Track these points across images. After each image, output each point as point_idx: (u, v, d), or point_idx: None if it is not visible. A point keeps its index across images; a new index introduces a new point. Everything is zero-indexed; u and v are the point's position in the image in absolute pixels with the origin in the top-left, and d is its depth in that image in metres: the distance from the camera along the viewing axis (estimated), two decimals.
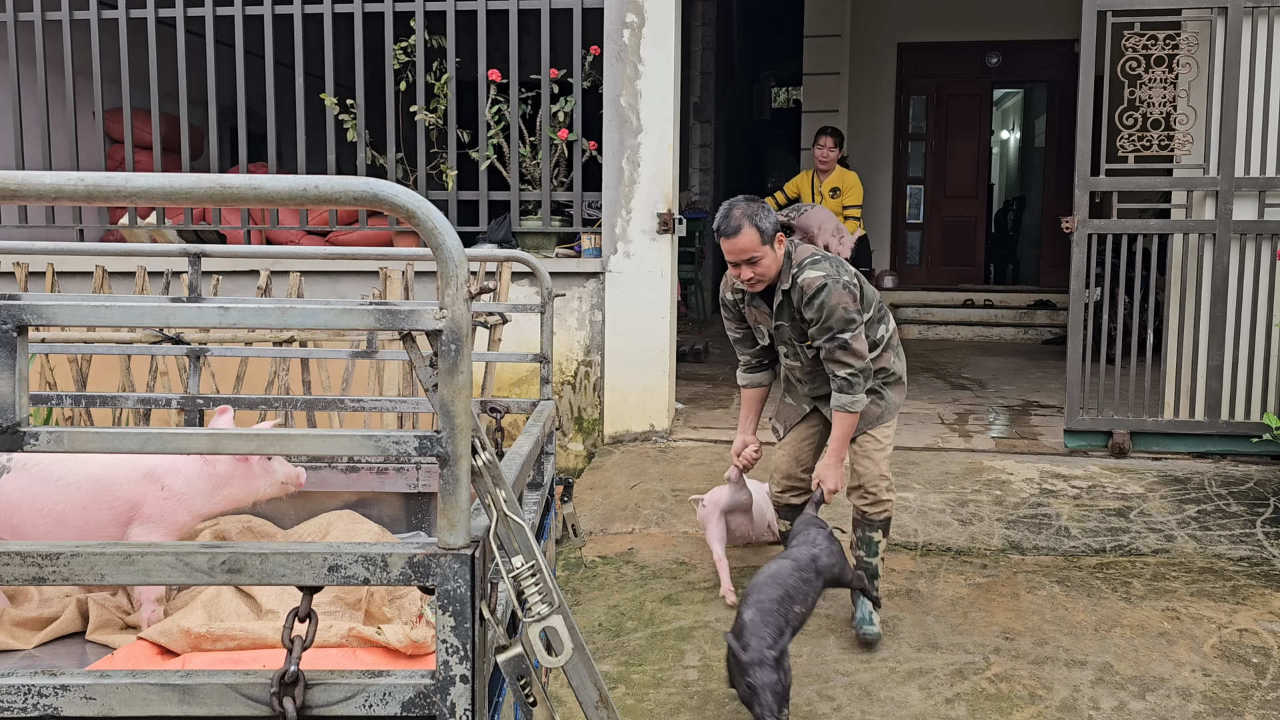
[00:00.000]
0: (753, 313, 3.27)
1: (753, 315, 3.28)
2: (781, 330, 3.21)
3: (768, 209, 3.03)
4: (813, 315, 3.05)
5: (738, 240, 2.99)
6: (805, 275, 3.05)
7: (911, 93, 10.41)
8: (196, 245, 2.70)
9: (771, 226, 3.01)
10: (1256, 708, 2.87)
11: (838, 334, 3.06)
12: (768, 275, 3.07)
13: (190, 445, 1.19)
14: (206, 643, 1.83)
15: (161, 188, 1.06)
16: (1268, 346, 5.03)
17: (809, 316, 3.06)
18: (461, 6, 5.55)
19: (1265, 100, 4.98)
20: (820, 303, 3.03)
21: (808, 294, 3.04)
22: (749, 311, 3.28)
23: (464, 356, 1.08)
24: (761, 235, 2.99)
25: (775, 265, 3.06)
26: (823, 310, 3.03)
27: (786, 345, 3.25)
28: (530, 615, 1.21)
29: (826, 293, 3.03)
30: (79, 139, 5.90)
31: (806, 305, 3.04)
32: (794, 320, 3.14)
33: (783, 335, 3.22)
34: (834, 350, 3.07)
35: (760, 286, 3.11)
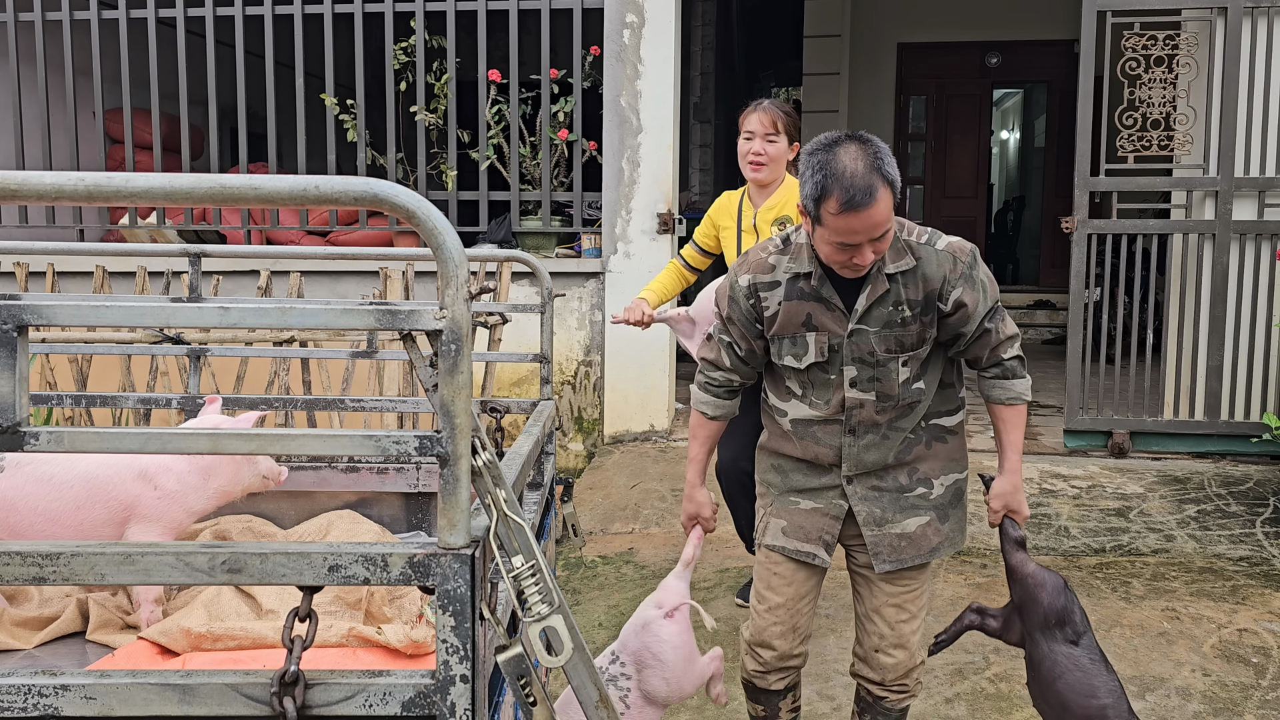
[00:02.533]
0: (796, 311, 2.13)
1: (794, 317, 2.14)
2: (858, 341, 2.10)
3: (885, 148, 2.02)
4: (974, 300, 2.08)
5: (874, 211, 1.93)
6: (946, 242, 2.10)
7: (911, 93, 10.41)
8: (196, 245, 2.70)
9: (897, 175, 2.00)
10: (1256, 708, 2.87)
11: (998, 310, 2.15)
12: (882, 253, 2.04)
13: (190, 445, 1.19)
14: (207, 642, 1.83)
15: (161, 188, 1.06)
16: (1268, 346, 5.03)
17: (968, 306, 2.08)
18: (461, 6, 5.55)
19: (1265, 100, 4.98)
20: (983, 279, 2.11)
21: (959, 268, 2.07)
22: (788, 310, 2.14)
23: (464, 356, 1.08)
24: (894, 193, 1.98)
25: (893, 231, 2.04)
26: (985, 288, 2.11)
27: (858, 367, 2.11)
28: (530, 615, 1.21)
29: (980, 264, 2.13)
30: (79, 139, 5.90)
31: (960, 283, 2.07)
32: (891, 324, 2.09)
33: (855, 351, 2.10)
34: (999, 327, 2.14)
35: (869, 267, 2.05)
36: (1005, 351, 2.16)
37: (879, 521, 2.18)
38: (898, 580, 2.23)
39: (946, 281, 2.06)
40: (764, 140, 3.20)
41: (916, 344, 2.10)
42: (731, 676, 3.15)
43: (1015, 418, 2.21)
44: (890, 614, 2.24)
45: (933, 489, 2.20)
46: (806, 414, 2.19)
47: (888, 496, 2.19)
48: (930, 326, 2.10)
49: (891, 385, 2.12)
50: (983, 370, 2.20)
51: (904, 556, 2.19)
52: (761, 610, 2.32)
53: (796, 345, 2.15)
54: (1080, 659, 2.09)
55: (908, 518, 2.18)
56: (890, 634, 2.24)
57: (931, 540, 2.20)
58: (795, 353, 2.15)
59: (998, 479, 2.26)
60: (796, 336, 2.14)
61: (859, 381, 2.12)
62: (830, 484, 2.22)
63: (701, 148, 10.25)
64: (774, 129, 3.19)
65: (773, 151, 3.21)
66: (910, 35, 10.06)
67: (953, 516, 2.23)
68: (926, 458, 2.20)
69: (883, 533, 2.18)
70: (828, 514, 2.22)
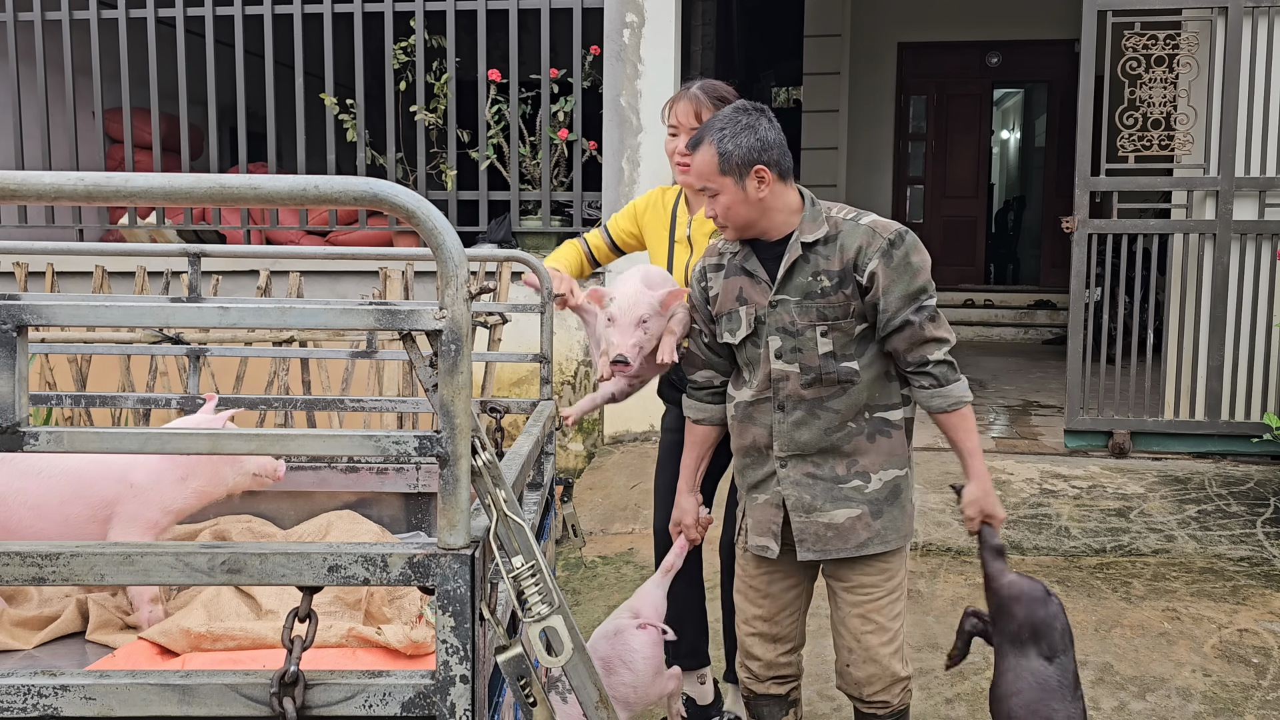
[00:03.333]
0: (731, 288, 2.24)
1: (730, 294, 2.24)
2: (780, 311, 2.17)
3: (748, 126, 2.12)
4: (888, 279, 2.08)
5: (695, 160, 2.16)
6: (871, 219, 2.16)
7: (911, 92, 10.41)
8: (196, 245, 2.70)
9: (744, 153, 2.10)
10: (1256, 708, 2.87)
11: (924, 303, 2.11)
12: (738, 222, 2.16)
13: (190, 445, 1.19)
14: (206, 642, 1.83)
15: (161, 188, 1.05)
16: (1268, 346, 5.03)
17: (879, 282, 2.09)
18: (461, 6, 5.55)
19: (1265, 100, 4.98)
20: (904, 258, 2.09)
21: (876, 242, 2.10)
22: (725, 287, 2.25)
23: (464, 356, 1.08)
24: (722, 160, 2.10)
25: (749, 211, 2.14)
26: (907, 269, 2.09)
27: (781, 337, 2.16)
28: (530, 615, 1.21)
29: (911, 245, 2.12)
30: (79, 139, 5.90)
31: (876, 256, 2.09)
32: (811, 294, 2.14)
33: (778, 321, 2.17)
34: (924, 323, 2.10)
35: (731, 234, 2.20)
36: (931, 353, 2.12)
37: (807, 509, 2.19)
38: (857, 590, 2.21)
39: (862, 252, 2.10)
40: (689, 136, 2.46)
41: (838, 316, 2.13)
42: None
43: (963, 423, 2.16)
44: (854, 625, 2.21)
45: (869, 483, 2.18)
46: (745, 395, 2.25)
47: (820, 485, 2.18)
48: (853, 299, 2.12)
49: (812, 356, 2.14)
50: (912, 377, 2.16)
51: (829, 547, 2.18)
52: (740, 621, 2.35)
53: (732, 321, 2.23)
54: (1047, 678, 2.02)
55: (838, 508, 2.17)
56: (856, 646, 2.21)
57: (860, 535, 2.17)
58: (731, 328, 2.23)
59: (967, 486, 2.20)
60: (732, 312, 2.23)
61: (783, 353, 2.17)
62: (770, 472, 2.23)
63: None
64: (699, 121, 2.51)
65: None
66: (910, 35, 10.06)
67: (886, 513, 2.19)
68: (868, 451, 2.18)
69: (809, 520, 2.18)
70: (772, 503, 2.24)
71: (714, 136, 2.11)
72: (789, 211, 2.18)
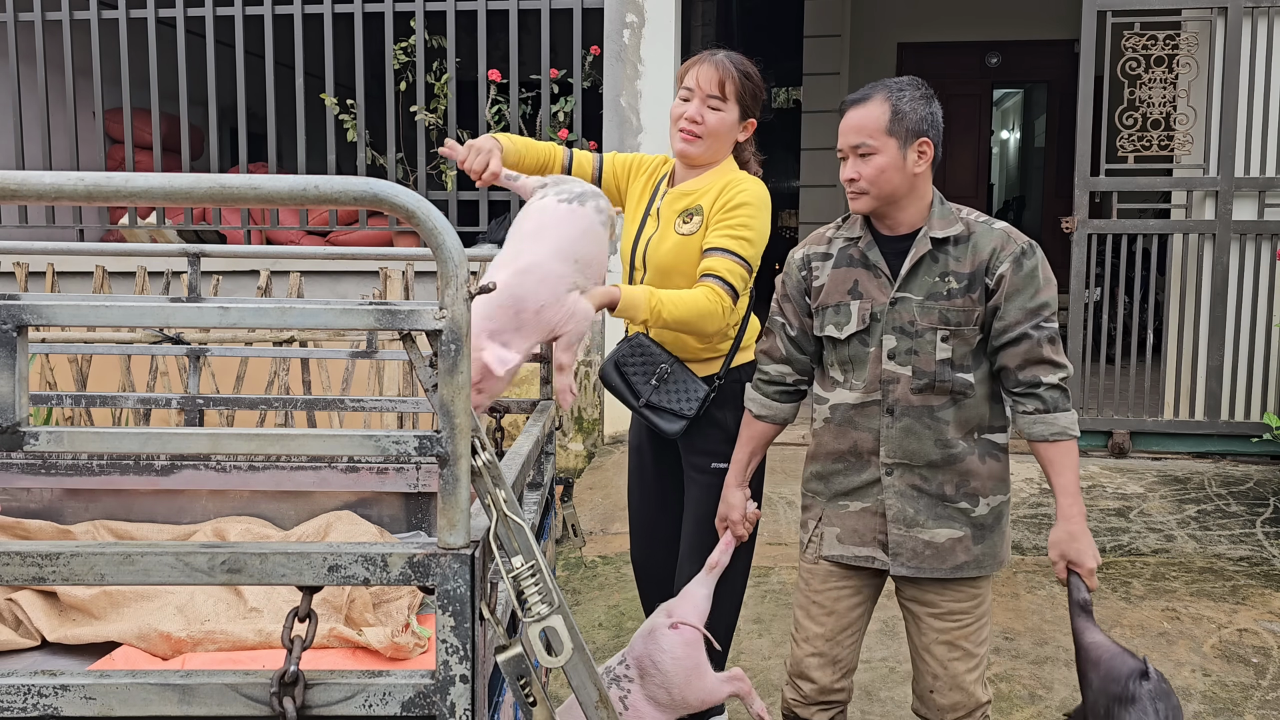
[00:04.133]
0: (843, 280, 2.09)
1: (840, 286, 2.09)
2: (900, 310, 2.03)
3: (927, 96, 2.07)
4: (1014, 286, 1.97)
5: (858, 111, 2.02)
6: (1003, 225, 2.06)
7: None
8: (196, 245, 2.70)
9: (918, 119, 2.02)
10: (1256, 708, 2.87)
11: (1045, 322, 1.98)
12: (883, 192, 2.02)
13: (189, 445, 1.19)
14: (187, 647, 1.84)
15: (161, 188, 1.06)
16: (1268, 346, 5.03)
17: (1004, 288, 1.97)
18: (461, 6, 5.55)
19: (1265, 100, 4.98)
20: (1034, 269, 1.99)
21: (1010, 246, 1.99)
22: (835, 278, 2.10)
23: (464, 356, 1.08)
24: (894, 119, 2.00)
25: (900, 183, 2.02)
26: (1034, 281, 1.98)
27: (897, 337, 2.03)
28: (530, 615, 1.21)
29: (1041, 259, 2.01)
30: (79, 139, 5.90)
31: (1007, 260, 1.98)
32: (936, 295, 2.01)
33: (896, 320, 2.03)
34: (1042, 341, 1.98)
35: (865, 204, 2.04)
36: (1045, 375, 1.98)
37: (909, 522, 2.06)
38: (946, 616, 2.09)
39: (995, 255, 1.98)
40: (704, 104, 2.35)
41: (962, 321, 1.99)
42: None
43: (1064, 457, 1.98)
44: (940, 652, 2.09)
45: (977, 506, 2.06)
46: (846, 398, 2.09)
47: (925, 499, 2.05)
48: (978, 304, 1.99)
49: (929, 360, 2.00)
50: (1018, 399, 2.01)
51: (924, 565, 2.06)
52: (799, 639, 2.20)
53: (839, 314, 2.08)
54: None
55: (940, 527, 2.05)
56: (943, 674, 2.09)
57: (959, 557, 2.05)
58: (837, 321, 2.08)
59: (1055, 527, 2.00)
60: (840, 305, 2.08)
61: (896, 353, 2.02)
62: (872, 479, 2.08)
63: None
64: (720, 91, 2.34)
65: (713, 121, 2.36)
66: (910, 35, 10.06)
67: (988, 539, 2.07)
68: (979, 473, 2.06)
69: (908, 534, 2.06)
70: (877, 512, 2.09)
71: (891, 94, 1.99)
72: (924, 203, 2.07)
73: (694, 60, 2.41)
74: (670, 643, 2.20)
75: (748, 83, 2.39)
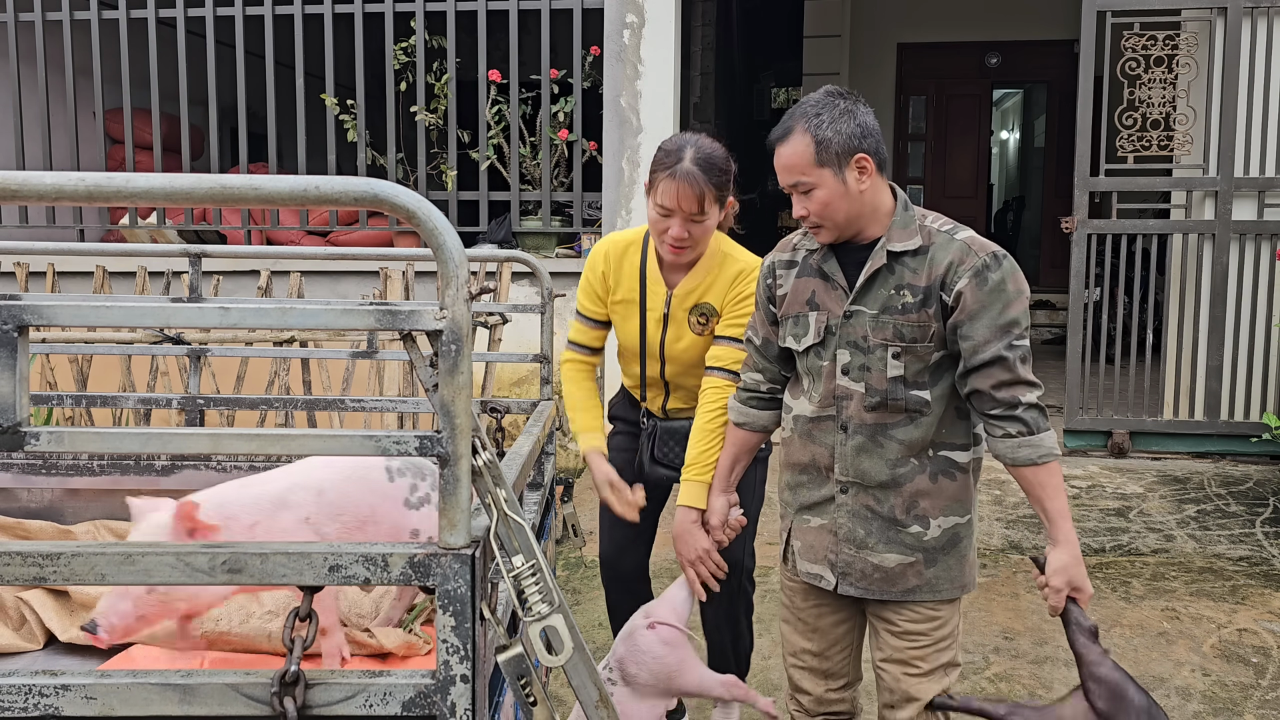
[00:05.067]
0: (802, 290, 2.04)
1: (800, 295, 2.05)
2: (854, 323, 1.97)
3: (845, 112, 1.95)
4: (977, 302, 1.87)
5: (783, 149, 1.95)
6: (965, 235, 1.95)
7: (911, 93, 10.41)
8: (197, 245, 2.70)
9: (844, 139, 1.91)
10: (1256, 708, 2.87)
11: (1017, 340, 1.88)
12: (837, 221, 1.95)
13: (190, 445, 1.19)
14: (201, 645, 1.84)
15: (162, 188, 1.06)
16: (1267, 346, 5.04)
17: (965, 304, 1.87)
18: (461, 6, 5.55)
19: (1265, 100, 4.98)
20: (999, 283, 1.88)
21: (970, 260, 1.89)
22: (796, 288, 2.05)
23: (464, 356, 1.08)
24: (819, 149, 1.90)
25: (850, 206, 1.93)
26: (1000, 296, 1.87)
27: (850, 352, 1.97)
28: (530, 615, 1.21)
29: (1009, 271, 1.90)
30: (79, 139, 5.90)
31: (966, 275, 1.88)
32: (890, 309, 1.93)
33: (850, 334, 1.97)
34: (1014, 363, 1.87)
35: (828, 236, 1.97)
36: (1024, 395, 1.86)
37: (858, 544, 2.01)
38: (903, 635, 2.02)
39: (952, 269, 1.88)
40: (687, 222, 2.33)
41: (916, 338, 1.91)
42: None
43: (1053, 479, 1.88)
44: (894, 670, 2.04)
45: (928, 530, 1.98)
46: (806, 409, 2.04)
47: (877, 523, 1.99)
48: (934, 320, 1.90)
49: (880, 378, 1.93)
50: (996, 422, 1.89)
51: (872, 588, 2.01)
52: (788, 653, 2.16)
53: (799, 325, 2.03)
54: None
55: (890, 552, 1.99)
56: (898, 689, 2.03)
57: (910, 581, 1.99)
58: (796, 333, 2.03)
59: (1052, 553, 1.89)
60: (799, 316, 2.03)
61: (850, 369, 1.96)
62: (829, 495, 2.04)
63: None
64: (700, 208, 2.31)
65: (699, 232, 2.36)
66: (910, 35, 10.06)
67: (941, 562, 1.99)
68: (930, 493, 1.98)
69: (857, 555, 2.01)
70: (828, 529, 2.04)
71: (808, 123, 1.90)
72: (881, 212, 1.97)
73: (665, 173, 2.32)
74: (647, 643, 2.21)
75: (723, 180, 2.37)
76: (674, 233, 2.33)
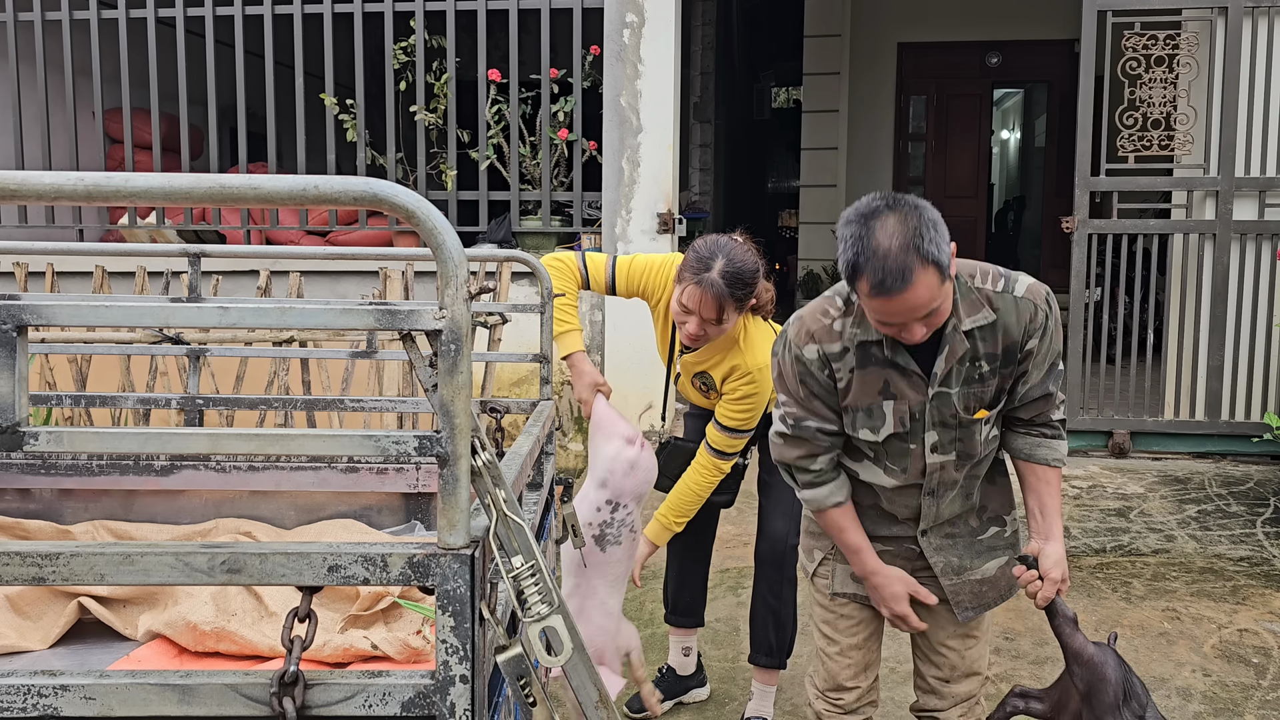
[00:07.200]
0: (871, 381, 1.94)
1: (869, 387, 1.95)
2: (941, 404, 1.94)
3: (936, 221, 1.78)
4: (1040, 353, 1.94)
5: (912, 294, 1.75)
6: (1025, 286, 1.93)
7: (911, 93, 10.41)
8: (196, 245, 2.70)
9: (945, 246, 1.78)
10: (1256, 708, 2.87)
11: (1060, 365, 2.03)
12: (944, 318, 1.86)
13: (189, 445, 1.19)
14: (210, 641, 1.84)
15: (161, 188, 1.05)
16: (1268, 346, 5.03)
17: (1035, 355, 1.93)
18: (461, 6, 5.55)
19: (1265, 100, 4.98)
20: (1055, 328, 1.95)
21: (1039, 317, 1.91)
22: (862, 381, 1.95)
23: (464, 356, 1.08)
24: (942, 272, 1.77)
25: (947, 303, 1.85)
26: (1056, 339, 1.96)
27: (939, 431, 1.96)
28: (530, 615, 1.21)
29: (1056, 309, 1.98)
30: (79, 139, 5.90)
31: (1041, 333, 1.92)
32: (971, 381, 1.93)
33: (938, 415, 1.95)
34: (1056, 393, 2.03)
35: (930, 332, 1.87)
36: (1053, 413, 2.03)
37: (957, 570, 2.09)
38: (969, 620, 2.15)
39: (1026, 331, 1.91)
40: (704, 324, 2.47)
41: (996, 399, 1.96)
42: (724, 675, 3.16)
43: (1057, 480, 2.04)
44: (957, 644, 2.15)
45: (1005, 526, 2.12)
46: (885, 481, 2.03)
47: (962, 543, 2.09)
48: (1010, 377, 1.95)
49: (974, 445, 1.98)
50: (1029, 427, 2.03)
51: (986, 601, 2.12)
52: (834, 654, 2.19)
53: (873, 417, 1.95)
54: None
55: (986, 561, 2.10)
56: (961, 664, 2.16)
57: (1009, 579, 2.11)
58: (872, 425, 1.96)
59: (1048, 547, 1.99)
60: (873, 408, 1.95)
61: (940, 445, 1.97)
62: (903, 534, 2.09)
63: (701, 147, 10.26)
64: (718, 317, 2.44)
65: (714, 332, 2.51)
66: (910, 35, 10.06)
67: (1018, 549, 2.12)
68: (993, 494, 2.11)
69: (962, 581, 2.09)
70: (899, 556, 2.10)
71: (921, 254, 1.72)
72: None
73: (690, 276, 2.42)
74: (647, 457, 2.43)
75: (746, 293, 2.46)
76: (690, 330, 2.49)
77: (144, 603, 2.03)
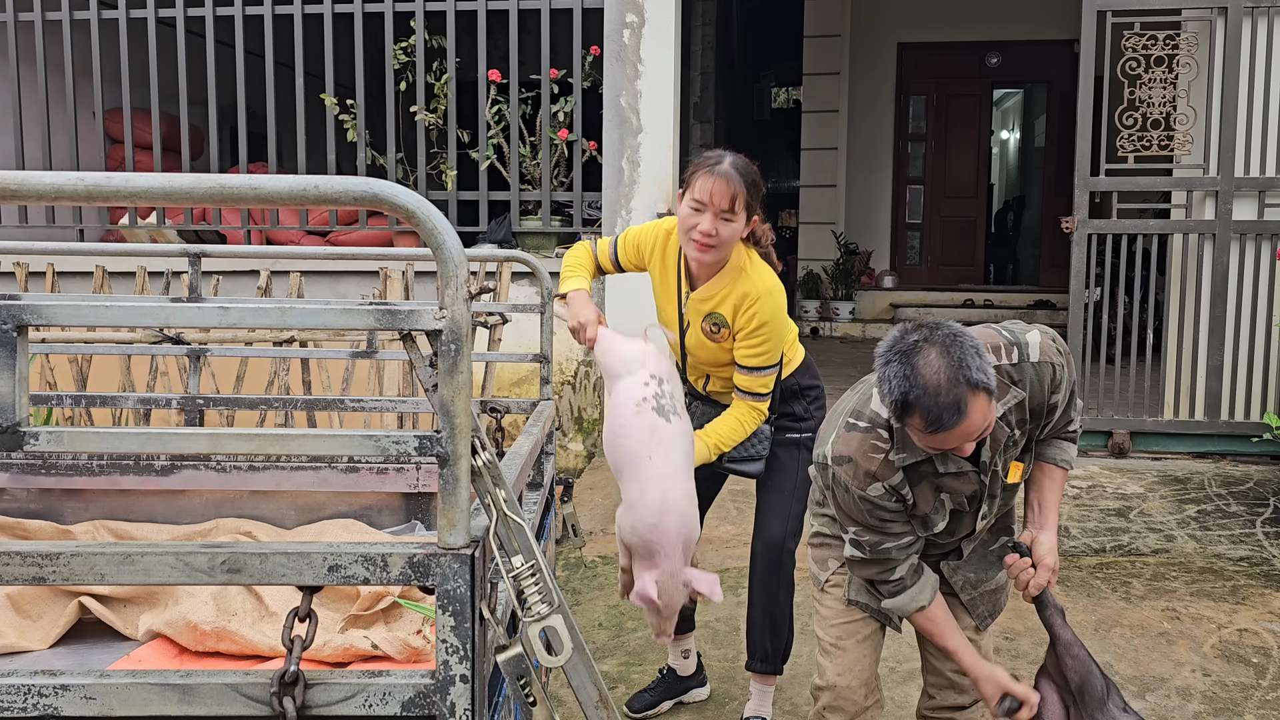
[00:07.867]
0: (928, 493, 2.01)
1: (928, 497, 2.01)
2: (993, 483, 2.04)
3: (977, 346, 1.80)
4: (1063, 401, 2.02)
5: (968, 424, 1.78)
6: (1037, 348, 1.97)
7: (911, 93, 10.41)
8: (196, 245, 2.70)
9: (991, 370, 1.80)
10: (1256, 708, 2.87)
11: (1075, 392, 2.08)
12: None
13: (189, 445, 1.19)
14: (211, 640, 1.84)
15: (161, 188, 1.06)
16: (1268, 346, 5.03)
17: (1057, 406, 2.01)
18: (461, 6, 5.55)
19: (1265, 100, 4.98)
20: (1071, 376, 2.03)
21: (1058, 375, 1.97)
22: (920, 494, 2.00)
23: (464, 356, 1.08)
24: (993, 397, 1.81)
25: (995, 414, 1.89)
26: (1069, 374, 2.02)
27: (989, 503, 2.05)
28: (530, 615, 1.21)
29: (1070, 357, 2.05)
30: (79, 139, 5.90)
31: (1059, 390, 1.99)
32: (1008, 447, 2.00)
33: (990, 491, 2.05)
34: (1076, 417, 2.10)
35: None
36: (1077, 417, 2.10)
37: (974, 584, 2.18)
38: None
39: (1049, 392, 1.97)
40: (717, 219, 2.43)
41: (1027, 448, 2.05)
42: (723, 675, 3.16)
43: (1062, 479, 2.12)
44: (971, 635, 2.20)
45: (1013, 534, 2.21)
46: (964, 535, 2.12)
47: (975, 557, 2.17)
48: (1038, 428, 2.03)
49: (1011, 498, 2.11)
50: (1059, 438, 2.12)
51: (1000, 605, 2.23)
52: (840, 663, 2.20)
53: (936, 514, 2.02)
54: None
55: (997, 570, 2.19)
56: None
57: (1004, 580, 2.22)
58: (932, 520, 2.03)
59: (1042, 535, 2.05)
60: (935, 509, 2.02)
61: (988, 513, 2.07)
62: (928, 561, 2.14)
63: (701, 147, 10.26)
64: (731, 207, 2.43)
65: (726, 233, 2.46)
66: (910, 35, 10.06)
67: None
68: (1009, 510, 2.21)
69: (979, 593, 2.19)
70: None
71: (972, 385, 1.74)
72: None
73: (703, 169, 2.47)
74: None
75: (755, 190, 2.50)
76: (703, 227, 2.44)
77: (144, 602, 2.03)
